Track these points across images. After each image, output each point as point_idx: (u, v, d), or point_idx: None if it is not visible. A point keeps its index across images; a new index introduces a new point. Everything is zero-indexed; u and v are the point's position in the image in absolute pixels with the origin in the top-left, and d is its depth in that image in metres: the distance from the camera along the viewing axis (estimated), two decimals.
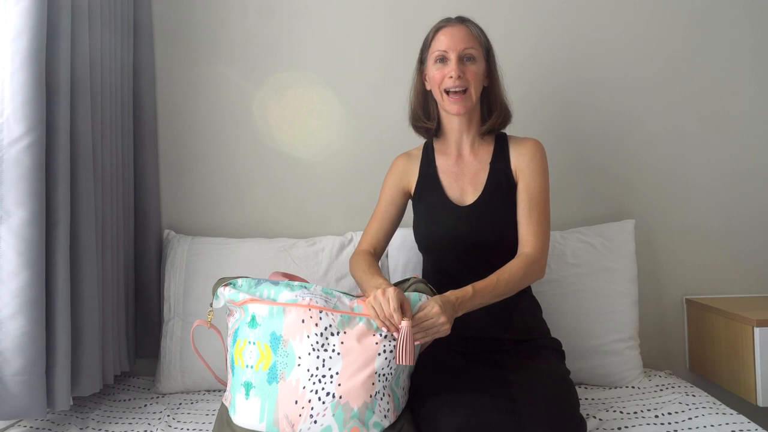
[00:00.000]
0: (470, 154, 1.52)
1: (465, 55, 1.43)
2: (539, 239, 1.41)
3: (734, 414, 1.42)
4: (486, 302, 1.31)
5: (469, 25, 1.47)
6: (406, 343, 1.15)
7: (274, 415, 1.16)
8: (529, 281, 1.40)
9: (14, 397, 1.26)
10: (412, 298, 1.22)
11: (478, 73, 1.43)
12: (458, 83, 1.42)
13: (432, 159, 1.56)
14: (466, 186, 1.49)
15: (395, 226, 1.58)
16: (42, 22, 1.30)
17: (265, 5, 1.94)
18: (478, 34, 1.47)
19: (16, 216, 1.27)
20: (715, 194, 1.97)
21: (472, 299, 1.27)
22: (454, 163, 1.53)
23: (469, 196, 1.48)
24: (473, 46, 1.44)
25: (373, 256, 1.50)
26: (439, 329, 1.19)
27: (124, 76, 1.74)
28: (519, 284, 1.36)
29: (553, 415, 1.19)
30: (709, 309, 1.83)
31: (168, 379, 1.69)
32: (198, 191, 1.94)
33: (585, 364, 1.67)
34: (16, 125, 1.27)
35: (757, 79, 1.97)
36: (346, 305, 1.22)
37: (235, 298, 1.24)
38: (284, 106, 1.94)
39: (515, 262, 1.38)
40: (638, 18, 1.96)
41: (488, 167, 1.49)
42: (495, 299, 1.33)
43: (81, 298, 1.43)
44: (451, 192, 1.50)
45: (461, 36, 1.43)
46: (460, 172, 1.51)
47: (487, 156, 1.51)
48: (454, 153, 1.53)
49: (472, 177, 1.50)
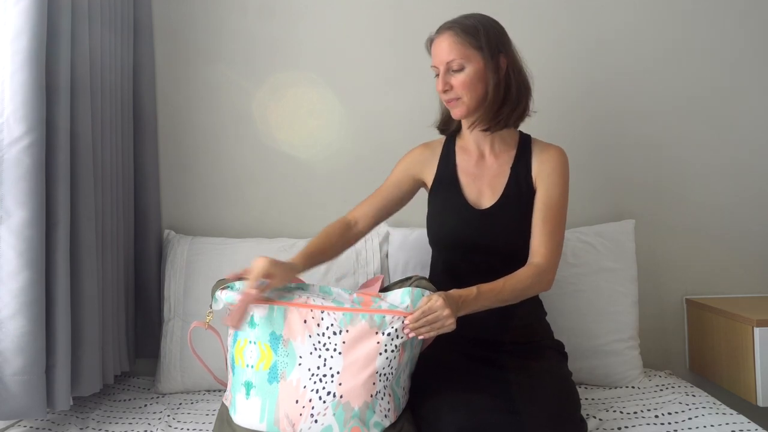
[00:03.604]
0: (491, 156, 1.49)
1: (450, 67, 1.40)
2: (551, 251, 1.39)
3: (734, 414, 1.42)
4: (489, 306, 1.30)
5: (452, 32, 1.40)
6: (242, 304, 1.19)
7: (274, 414, 1.16)
8: (534, 292, 1.39)
9: (14, 397, 1.26)
10: (414, 294, 1.21)
11: (466, 81, 1.39)
12: (447, 96, 1.42)
13: (452, 156, 1.52)
14: (484, 188, 1.47)
15: (391, 209, 1.55)
16: (42, 22, 1.30)
17: (265, 5, 1.94)
18: (463, 38, 1.39)
19: (16, 216, 1.27)
20: (715, 194, 1.97)
21: (476, 300, 1.26)
22: (474, 163, 1.49)
23: (487, 200, 1.45)
24: (457, 56, 1.38)
25: (345, 226, 1.49)
26: (443, 323, 1.18)
27: (124, 76, 1.74)
28: (524, 293, 1.35)
29: (553, 416, 1.19)
30: (709, 309, 1.83)
31: (168, 379, 1.69)
32: (198, 191, 1.94)
33: (585, 364, 1.67)
34: (16, 125, 1.27)
35: (758, 78, 1.97)
36: (346, 298, 1.22)
37: (232, 301, 1.24)
38: (284, 106, 1.94)
39: (524, 270, 1.36)
40: (638, 18, 1.96)
41: (509, 171, 1.46)
42: (498, 304, 1.31)
43: (81, 298, 1.43)
44: (468, 193, 1.47)
45: (443, 47, 1.40)
46: (479, 173, 1.48)
47: (509, 159, 1.48)
48: (475, 152, 1.50)
49: (491, 180, 1.47)
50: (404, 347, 1.20)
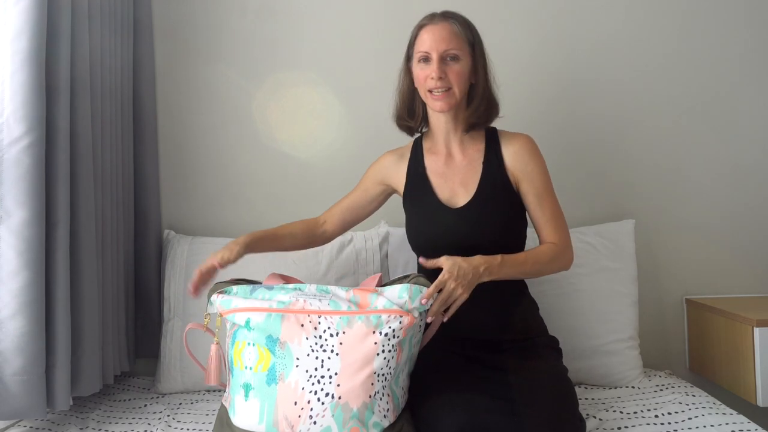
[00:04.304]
0: (460, 153, 1.48)
1: (447, 55, 1.39)
2: (559, 230, 1.42)
3: (734, 414, 1.42)
4: (512, 275, 1.32)
5: (452, 22, 1.40)
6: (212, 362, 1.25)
7: (273, 416, 1.16)
8: (557, 267, 1.40)
9: (14, 397, 1.27)
10: (413, 290, 1.20)
11: (461, 72, 1.39)
12: (440, 84, 1.39)
13: (421, 159, 1.52)
14: (456, 187, 1.45)
15: (359, 215, 1.60)
16: (42, 22, 1.30)
17: (265, 5, 1.94)
18: (461, 31, 1.40)
19: (16, 216, 1.27)
20: (715, 194, 1.97)
21: (501, 267, 1.29)
22: (443, 163, 1.48)
23: (461, 198, 1.44)
24: (456, 46, 1.38)
25: (313, 223, 1.59)
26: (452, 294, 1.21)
27: (124, 76, 1.74)
28: (547, 266, 1.37)
29: (552, 417, 1.19)
30: (709, 309, 1.83)
31: (168, 379, 1.69)
32: (198, 191, 1.94)
33: (585, 364, 1.67)
34: (16, 125, 1.27)
35: (757, 78, 1.97)
36: (343, 297, 1.22)
37: (226, 306, 1.23)
38: (284, 106, 1.94)
39: (542, 246, 1.40)
40: (637, 18, 1.96)
41: (480, 167, 1.45)
42: (519, 276, 1.36)
43: (81, 298, 1.43)
44: (441, 193, 1.46)
45: (443, 35, 1.38)
46: (449, 172, 1.47)
47: (478, 155, 1.47)
48: (443, 152, 1.50)
49: (462, 178, 1.46)
50: (402, 346, 1.20)
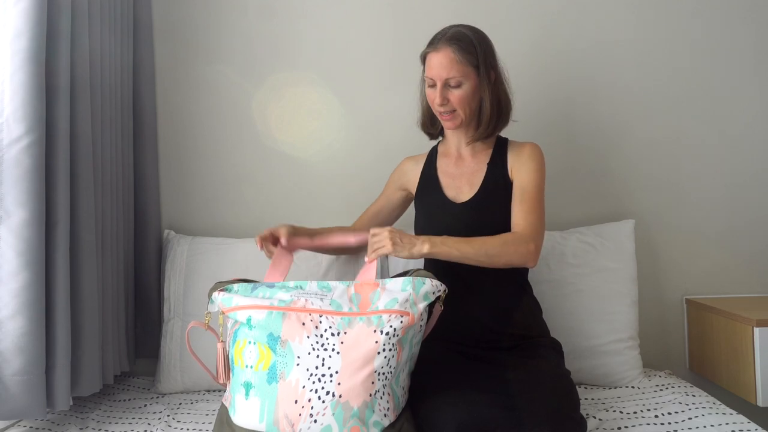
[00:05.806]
0: (470, 156, 1.57)
1: (448, 83, 1.44)
2: (529, 223, 1.42)
3: (734, 414, 1.42)
4: (455, 252, 1.34)
5: (454, 49, 1.42)
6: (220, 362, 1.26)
7: (273, 414, 1.16)
8: (510, 255, 1.37)
9: (14, 397, 1.26)
10: (416, 282, 1.24)
11: (463, 97, 1.45)
12: (444, 108, 1.47)
13: (434, 161, 1.62)
14: (463, 185, 1.54)
15: (385, 221, 1.69)
16: (42, 22, 1.30)
17: (265, 5, 1.94)
18: (463, 57, 1.42)
19: (16, 216, 1.27)
20: (715, 194, 1.97)
21: (444, 241, 1.35)
22: (453, 164, 1.58)
23: (465, 195, 1.52)
24: (457, 73, 1.42)
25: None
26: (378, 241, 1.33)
27: (124, 76, 1.74)
28: (498, 250, 1.36)
29: (552, 412, 1.19)
30: (709, 309, 1.83)
31: (168, 379, 1.69)
32: (198, 191, 1.94)
33: (585, 364, 1.67)
34: (16, 125, 1.27)
35: (758, 79, 1.97)
36: (344, 297, 1.22)
37: (227, 304, 1.24)
38: (284, 106, 1.94)
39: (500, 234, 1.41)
40: (637, 19, 1.96)
41: (486, 168, 1.53)
42: (466, 254, 1.35)
43: (81, 298, 1.43)
44: (448, 191, 1.55)
45: (444, 63, 1.42)
46: (458, 172, 1.56)
47: (485, 158, 1.55)
48: (454, 155, 1.59)
49: (469, 177, 1.54)
50: (402, 345, 1.20)
